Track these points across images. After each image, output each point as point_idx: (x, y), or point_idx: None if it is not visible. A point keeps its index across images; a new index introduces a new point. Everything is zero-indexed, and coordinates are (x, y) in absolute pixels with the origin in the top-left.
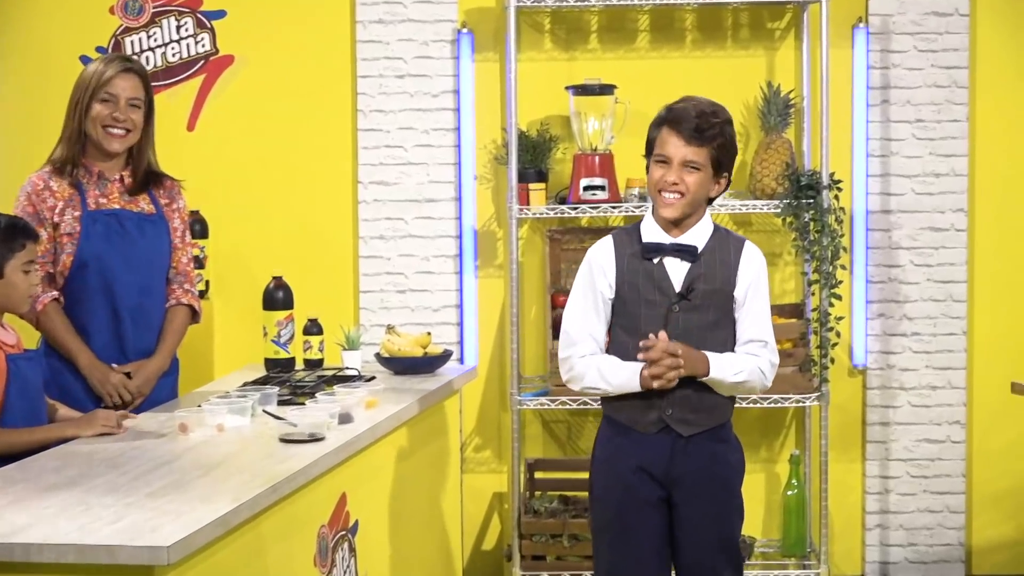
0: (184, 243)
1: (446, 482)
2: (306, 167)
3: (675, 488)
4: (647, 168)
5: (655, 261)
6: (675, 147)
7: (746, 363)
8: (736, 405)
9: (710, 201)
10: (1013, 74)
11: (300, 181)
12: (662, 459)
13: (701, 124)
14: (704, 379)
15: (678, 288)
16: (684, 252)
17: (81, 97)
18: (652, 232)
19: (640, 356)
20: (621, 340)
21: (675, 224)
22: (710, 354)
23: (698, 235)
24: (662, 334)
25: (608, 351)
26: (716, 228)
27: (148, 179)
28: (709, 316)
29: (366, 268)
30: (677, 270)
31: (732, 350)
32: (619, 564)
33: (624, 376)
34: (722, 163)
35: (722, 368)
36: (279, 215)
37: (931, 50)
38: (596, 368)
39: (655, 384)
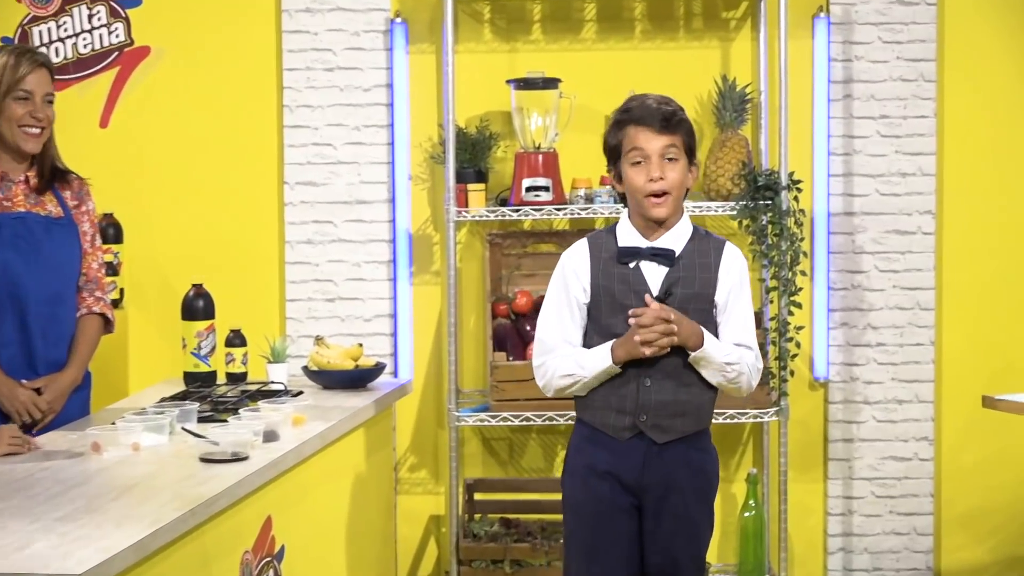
0: (95, 248)
1: (379, 504)
2: (228, 167)
3: (646, 496)
4: (616, 176)
5: (631, 265)
6: (649, 141)
7: (740, 352)
8: (718, 420)
9: (685, 195)
10: (984, 67)
11: (222, 182)
12: (634, 466)
13: (666, 113)
14: (695, 354)
15: (655, 293)
16: (661, 256)
17: None
18: (628, 235)
19: (631, 323)
20: (596, 345)
21: (656, 226)
22: (704, 330)
23: (677, 238)
24: (653, 302)
25: None
26: (695, 230)
27: (53, 177)
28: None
29: (293, 275)
30: (654, 274)
31: None
32: (588, 572)
33: (597, 356)
34: (692, 150)
35: (716, 345)
36: (199, 218)
37: (897, 41)
38: (572, 358)
39: (647, 351)
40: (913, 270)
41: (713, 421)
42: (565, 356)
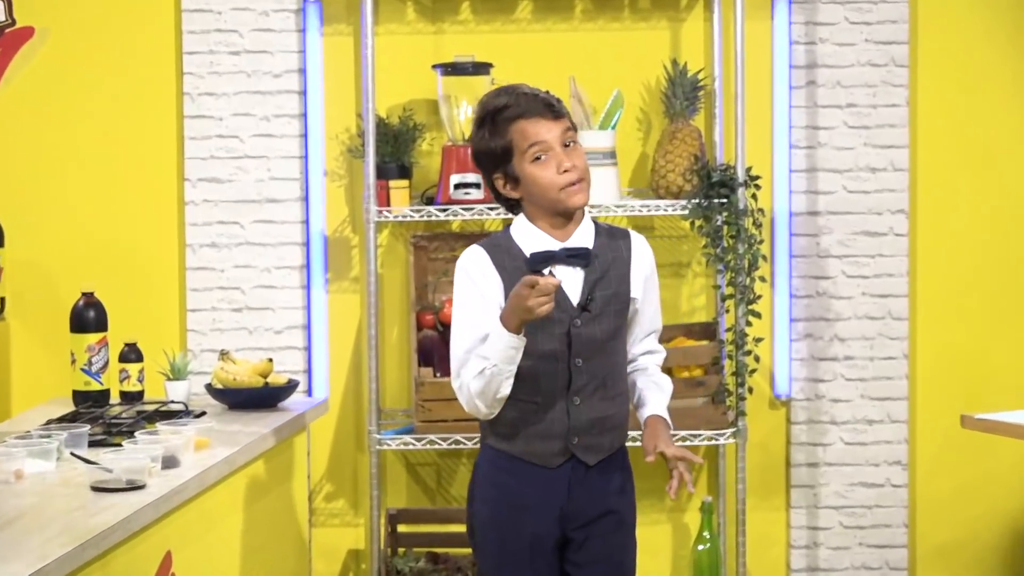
0: None
1: (291, 538)
2: (122, 161)
3: (571, 526)
4: (507, 182)
5: (545, 272)
6: (547, 130)
7: (663, 379)
8: (634, 443)
9: None
10: (961, 50)
11: (115, 178)
12: (558, 494)
13: (549, 98)
14: None
15: (576, 300)
16: (577, 257)
17: None
18: (534, 239)
19: (523, 291)
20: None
21: (564, 224)
22: (659, 412)
23: (585, 234)
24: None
25: None
26: (596, 224)
27: None
28: (610, 324)
29: (194, 282)
30: (570, 279)
31: (626, 353)
32: None
33: (494, 338)
34: (575, 129)
35: (666, 405)
36: (89, 219)
37: (865, 22)
38: (475, 356)
39: (541, 311)
40: (884, 275)
41: None
42: (474, 358)
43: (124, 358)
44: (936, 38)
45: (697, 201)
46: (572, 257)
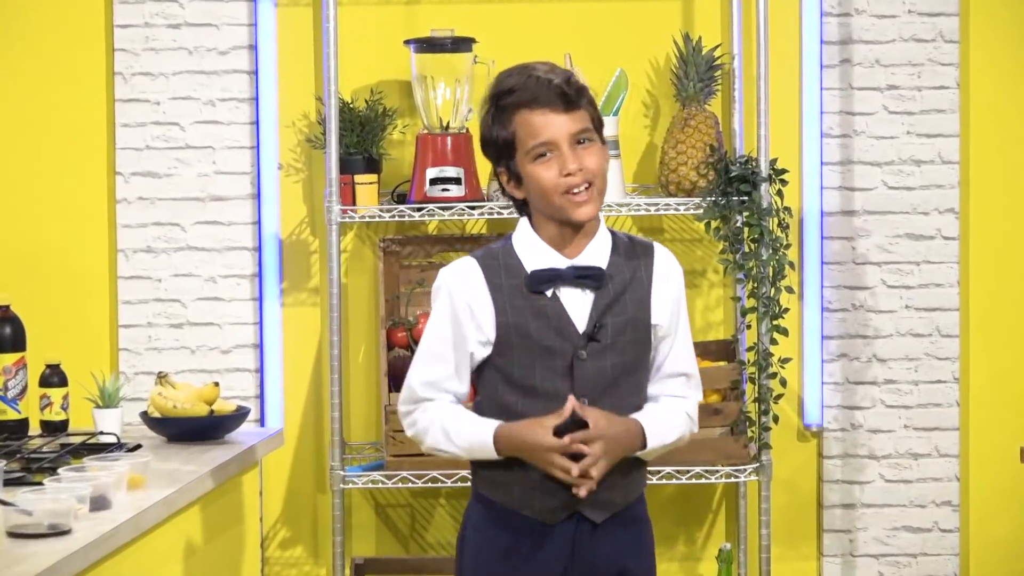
0: None
1: None
2: (41, 153)
3: None
4: (510, 179)
5: (548, 294)
6: (555, 124)
7: (675, 413)
8: (652, 481)
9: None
10: (1020, 23)
11: (33, 173)
12: (561, 554)
13: (562, 84)
14: (640, 454)
15: (583, 327)
16: (588, 278)
17: None
18: (538, 253)
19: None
20: (506, 401)
21: (573, 236)
22: (640, 418)
23: (598, 249)
24: (572, 402)
25: (483, 412)
26: (614, 235)
27: None
28: (623, 357)
29: (127, 293)
30: (578, 303)
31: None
32: None
33: (476, 437)
34: (601, 123)
35: (657, 435)
36: (4, 221)
37: None
38: (440, 426)
39: (581, 493)
40: (931, 285)
41: (676, 481)
42: (434, 419)
43: (45, 382)
44: (991, 9)
45: (713, 199)
46: (581, 277)
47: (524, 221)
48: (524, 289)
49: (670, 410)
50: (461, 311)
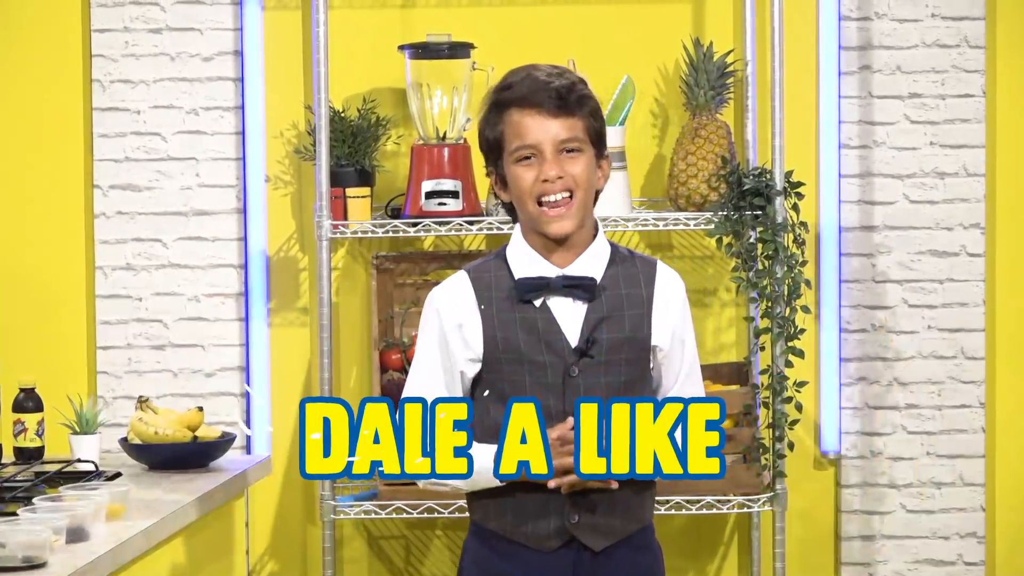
0: None
1: None
2: (15, 165)
3: None
4: (498, 182)
5: (537, 304)
6: (542, 128)
7: None
8: (661, 511)
9: (595, 198)
10: None
11: (6, 186)
12: None
13: (560, 88)
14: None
15: (575, 341)
16: (578, 288)
17: None
18: (526, 261)
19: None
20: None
21: (561, 245)
22: None
23: (593, 260)
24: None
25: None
26: (614, 249)
27: None
28: (619, 376)
29: (106, 313)
30: (570, 315)
31: None
32: None
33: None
34: (601, 137)
35: None
36: None
37: None
38: None
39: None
40: (955, 305)
41: (685, 511)
42: None
43: (19, 407)
44: (1019, 12)
45: (725, 214)
46: (570, 287)
47: (516, 229)
48: (513, 300)
49: None
50: (449, 330)
